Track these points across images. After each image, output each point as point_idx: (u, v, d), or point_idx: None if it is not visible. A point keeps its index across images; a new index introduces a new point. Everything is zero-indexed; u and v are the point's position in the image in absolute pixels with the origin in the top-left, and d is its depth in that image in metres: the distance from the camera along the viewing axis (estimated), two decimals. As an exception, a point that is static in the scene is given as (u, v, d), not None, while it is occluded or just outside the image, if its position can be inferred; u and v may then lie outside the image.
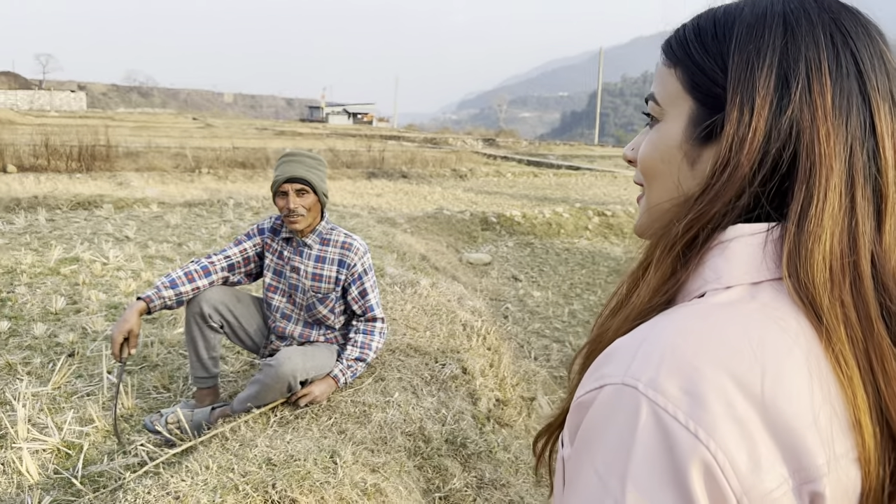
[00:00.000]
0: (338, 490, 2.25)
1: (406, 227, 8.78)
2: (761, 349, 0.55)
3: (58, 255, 5.68)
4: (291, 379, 2.69)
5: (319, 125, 53.53)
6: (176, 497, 2.12)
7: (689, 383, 0.53)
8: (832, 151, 0.60)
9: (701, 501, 0.51)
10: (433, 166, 17.69)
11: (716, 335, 0.56)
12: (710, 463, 0.51)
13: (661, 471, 0.52)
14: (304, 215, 2.88)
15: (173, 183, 12.46)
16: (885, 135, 0.61)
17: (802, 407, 0.54)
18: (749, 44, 0.64)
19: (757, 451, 0.52)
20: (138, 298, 2.80)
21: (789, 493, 0.53)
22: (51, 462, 2.64)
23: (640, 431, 0.53)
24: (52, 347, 3.75)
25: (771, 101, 0.62)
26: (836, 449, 0.54)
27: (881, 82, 0.62)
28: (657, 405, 0.53)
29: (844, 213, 0.59)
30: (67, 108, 64.50)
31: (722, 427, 0.52)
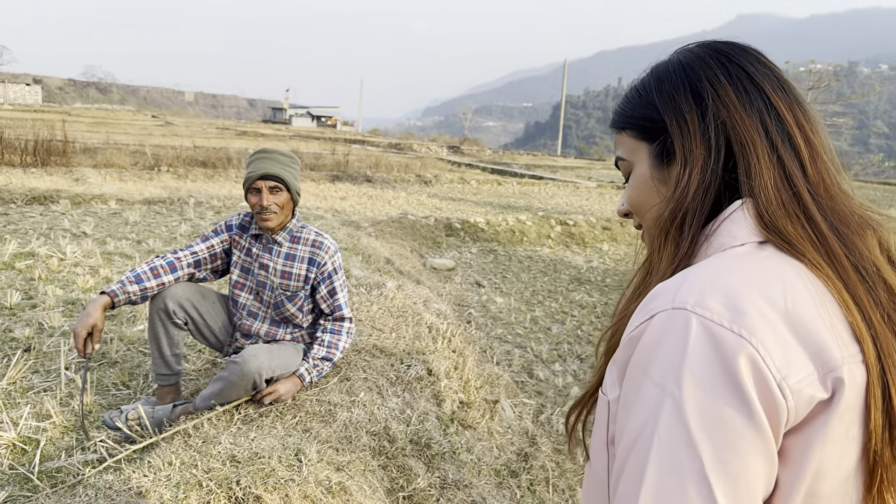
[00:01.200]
0: (302, 488, 2.25)
1: (371, 231, 8.77)
2: (778, 276, 0.71)
3: (12, 250, 5.53)
4: (257, 376, 2.67)
5: (282, 127, 53.05)
6: (138, 492, 2.09)
7: (729, 300, 0.67)
8: (750, 127, 0.81)
9: (748, 386, 0.64)
10: (398, 171, 17.69)
11: (742, 268, 0.72)
12: (754, 355, 0.64)
13: (713, 365, 0.65)
14: (277, 213, 2.87)
15: (132, 180, 12.23)
16: (781, 105, 0.82)
17: (817, 316, 0.68)
18: (665, 86, 0.88)
19: (789, 349, 0.66)
20: (102, 293, 2.75)
21: (815, 382, 0.66)
22: (6, 458, 2.58)
23: (693, 340, 0.66)
24: (7, 342, 3.66)
25: (695, 113, 0.84)
26: (849, 350, 0.68)
27: (767, 78, 0.84)
28: (705, 318, 0.66)
29: (775, 165, 0.79)
30: (22, 101, 62.76)
31: (761, 328, 0.65)
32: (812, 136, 0.81)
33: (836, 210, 0.77)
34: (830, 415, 0.66)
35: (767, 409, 0.64)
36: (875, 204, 17.50)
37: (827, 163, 0.81)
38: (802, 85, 43.36)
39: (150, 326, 2.91)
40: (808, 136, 0.81)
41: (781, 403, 0.64)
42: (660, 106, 0.87)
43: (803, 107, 0.83)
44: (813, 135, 0.81)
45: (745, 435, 0.63)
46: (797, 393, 0.65)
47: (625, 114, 0.93)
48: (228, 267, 3.09)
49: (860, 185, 25.55)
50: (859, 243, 0.75)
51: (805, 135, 0.81)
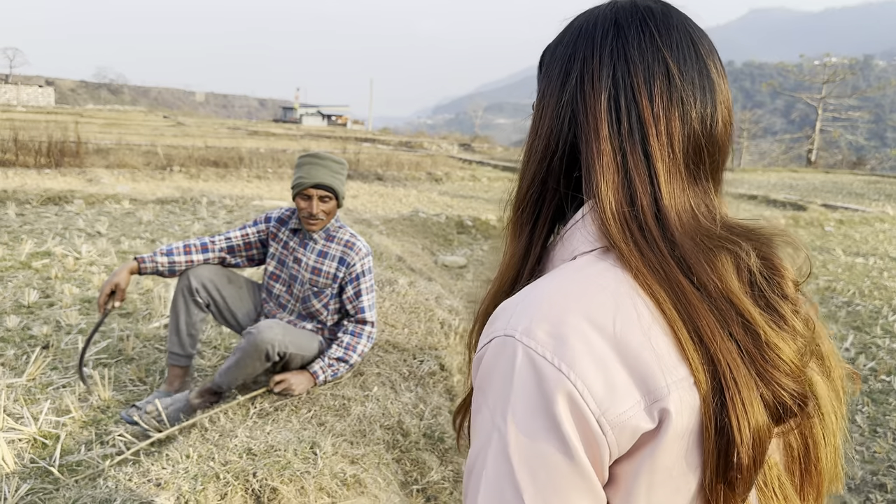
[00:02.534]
0: (318, 480, 2.28)
1: (382, 229, 8.80)
2: (612, 296, 0.66)
3: (29, 249, 5.61)
4: (269, 347, 2.72)
5: (293, 126, 53.27)
6: (157, 484, 2.13)
7: (554, 328, 0.64)
8: (599, 122, 0.73)
9: (565, 424, 0.62)
10: (409, 169, 17.72)
11: (576, 288, 0.68)
12: (572, 391, 0.62)
13: (534, 401, 0.63)
14: (323, 220, 2.96)
15: (144, 180, 12.33)
16: (645, 101, 0.72)
17: (646, 339, 0.64)
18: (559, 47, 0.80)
19: (613, 379, 0.63)
20: (133, 259, 2.89)
21: (641, 412, 0.63)
22: (27, 451, 2.63)
23: (517, 371, 0.64)
24: (26, 340, 3.72)
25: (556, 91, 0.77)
26: (676, 374, 0.64)
27: (651, 65, 0.73)
28: (529, 348, 0.64)
29: (618, 171, 0.72)
30: (35, 103, 63.30)
31: (581, 361, 0.63)
32: (676, 135, 0.72)
33: (685, 224, 0.71)
34: (657, 444, 0.63)
35: (587, 444, 0.62)
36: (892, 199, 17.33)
37: (678, 166, 0.72)
38: (817, 79, 43.04)
39: (173, 303, 3.00)
40: (670, 136, 0.72)
41: (602, 438, 0.62)
42: (542, 70, 0.82)
43: (683, 96, 0.73)
44: (677, 132, 0.72)
45: (565, 474, 0.62)
46: (619, 426, 0.62)
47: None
48: (264, 257, 3.16)
49: (877, 179, 25.32)
50: (706, 266, 0.68)
51: (666, 133, 0.72)
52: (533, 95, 0.86)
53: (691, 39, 0.75)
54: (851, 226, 12.48)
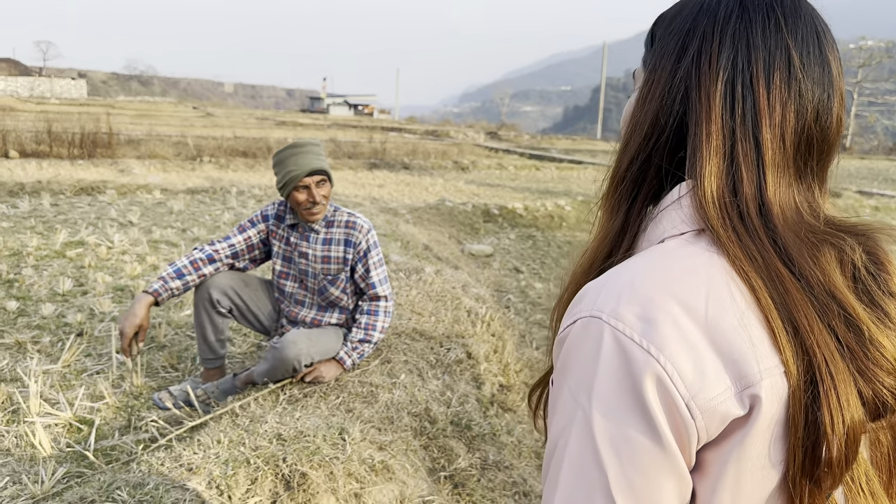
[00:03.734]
0: (346, 465, 2.30)
1: (408, 218, 8.81)
2: (705, 278, 0.65)
3: (63, 239, 5.71)
4: (296, 363, 2.73)
5: (320, 116, 53.49)
6: (189, 469, 2.17)
7: (643, 311, 0.64)
8: (712, 103, 0.70)
9: (654, 406, 0.62)
10: (435, 158, 17.70)
11: (666, 271, 0.67)
12: (661, 373, 0.61)
13: (621, 382, 0.63)
14: (325, 205, 2.92)
15: (175, 171, 12.47)
16: (762, 90, 0.70)
17: (739, 325, 0.63)
18: (675, 21, 0.77)
19: (703, 363, 0.62)
20: (145, 292, 2.82)
21: (731, 398, 0.62)
22: (63, 436, 2.69)
23: (604, 352, 0.64)
24: (61, 327, 3.79)
25: (669, 65, 0.74)
26: (768, 362, 0.63)
27: (773, 53, 0.70)
28: (617, 330, 0.64)
29: (725, 155, 0.70)
30: (68, 95, 64.37)
31: (671, 344, 0.62)
32: (788, 128, 0.70)
33: (786, 217, 0.69)
34: (747, 432, 0.63)
35: (675, 428, 0.62)
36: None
37: (786, 159, 0.71)
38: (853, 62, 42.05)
39: (196, 315, 2.99)
40: (783, 128, 0.70)
41: (690, 423, 0.62)
42: (655, 44, 0.79)
43: (801, 87, 0.70)
44: (790, 125, 0.70)
45: (650, 454, 0.62)
46: (709, 411, 0.62)
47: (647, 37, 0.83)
48: (267, 256, 3.15)
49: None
50: (808, 259, 0.67)
51: (779, 124, 0.70)
52: (559, 82, 0.83)
53: (816, 32, 0.72)
54: (888, 212, 12.21)
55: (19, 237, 5.75)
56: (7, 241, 5.54)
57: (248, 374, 2.97)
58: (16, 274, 4.68)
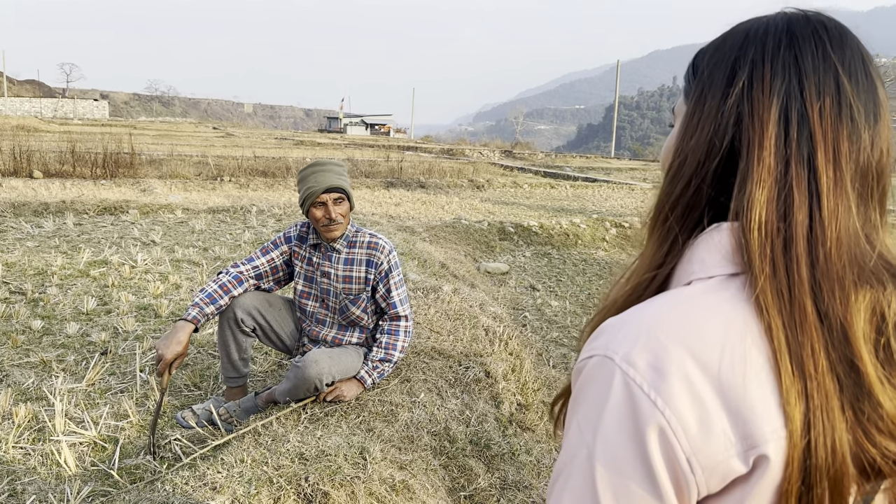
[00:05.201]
0: (367, 485, 2.32)
1: (425, 236, 8.85)
2: (724, 330, 0.64)
3: (87, 258, 5.81)
4: (318, 381, 2.76)
5: (338, 136, 53.91)
6: (213, 488, 2.20)
7: (656, 360, 0.64)
8: (766, 125, 0.68)
9: (654, 457, 0.62)
10: (450, 177, 17.78)
11: (686, 320, 0.66)
12: (665, 426, 0.62)
13: (625, 428, 0.63)
14: (342, 223, 2.96)
15: (196, 190, 12.62)
16: (816, 117, 0.68)
17: (755, 383, 0.62)
18: (718, 50, 0.76)
19: (709, 419, 0.62)
20: (184, 320, 2.86)
21: (735, 456, 0.62)
22: (88, 455, 2.73)
23: (613, 395, 0.64)
24: (85, 346, 3.86)
25: (720, 92, 0.73)
26: (777, 423, 0.62)
27: (823, 80, 0.69)
28: (628, 375, 0.64)
29: (777, 190, 0.67)
30: (90, 116, 65.38)
31: (678, 398, 0.62)
32: (846, 157, 0.68)
33: (835, 255, 0.66)
34: (748, 491, 0.63)
35: (675, 481, 0.63)
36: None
37: (846, 190, 0.67)
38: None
39: (220, 333, 3.03)
40: (838, 157, 0.68)
41: (690, 477, 0.62)
42: (698, 75, 0.77)
43: (854, 116, 0.69)
44: (848, 155, 0.68)
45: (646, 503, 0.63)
46: (710, 468, 0.62)
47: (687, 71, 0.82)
48: (290, 277, 3.19)
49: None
50: (839, 296, 0.65)
51: (835, 153, 0.68)
52: (573, 101, 0.83)
53: (863, 60, 0.72)
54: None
55: (44, 256, 5.86)
56: (32, 261, 5.64)
57: (270, 393, 3.00)
58: (41, 293, 4.76)
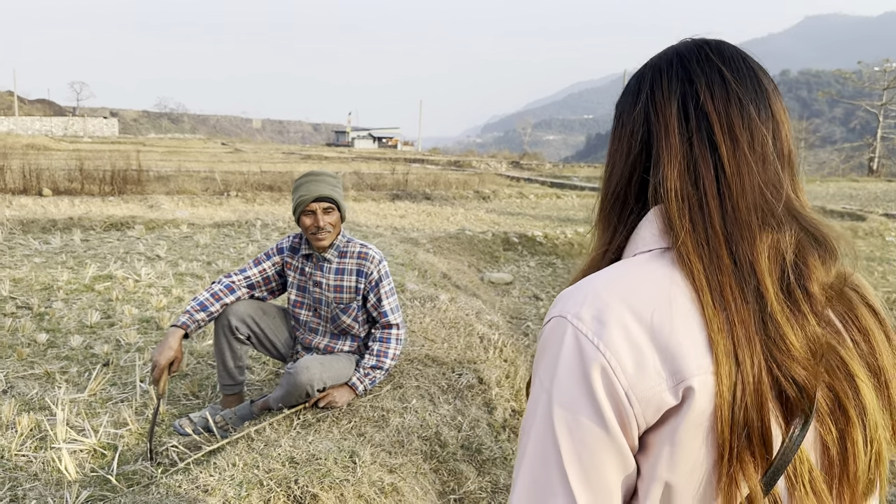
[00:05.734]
0: (357, 488, 2.37)
1: (428, 247, 8.92)
2: (656, 289, 0.78)
3: (92, 273, 5.91)
4: (309, 388, 2.83)
5: (345, 149, 54.20)
6: (205, 490, 2.26)
7: (599, 313, 0.77)
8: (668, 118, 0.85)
9: (599, 393, 0.74)
10: (456, 188, 17.87)
11: (626, 282, 0.80)
12: (606, 366, 0.74)
13: (575, 370, 0.76)
14: (331, 231, 3.05)
15: (202, 205, 12.76)
16: (710, 103, 0.83)
17: (683, 329, 0.75)
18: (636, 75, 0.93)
19: (643, 359, 0.74)
20: (174, 326, 2.96)
21: (666, 391, 0.74)
22: (87, 461, 2.80)
23: (565, 346, 0.77)
24: (88, 358, 3.94)
25: (631, 104, 0.90)
26: (703, 361, 0.74)
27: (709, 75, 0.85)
28: (577, 328, 0.77)
29: (686, 164, 0.82)
30: (100, 133, 66.00)
31: (616, 342, 0.75)
32: (737, 120, 0.82)
33: (742, 205, 0.79)
34: (680, 419, 0.73)
35: (617, 412, 0.74)
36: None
37: (748, 158, 0.81)
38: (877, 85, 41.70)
39: (216, 342, 3.11)
40: (734, 129, 0.82)
41: (629, 410, 0.74)
42: (620, 99, 0.95)
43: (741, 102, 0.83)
44: (743, 129, 0.82)
45: (596, 434, 0.74)
46: (645, 401, 0.73)
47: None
48: (284, 287, 3.27)
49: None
50: (748, 240, 0.78)
51: (731, 126, 0.82)
52: (581, 111, 0.96)
53: (742, 57, 0.87)
54: (913, 235, 12.06)
55: (50, 272, 5.96)
56: (39, 276, 5.74)
57: (265, 401, 3.07)
58: (46, 307, 4.86)
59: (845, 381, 0.77)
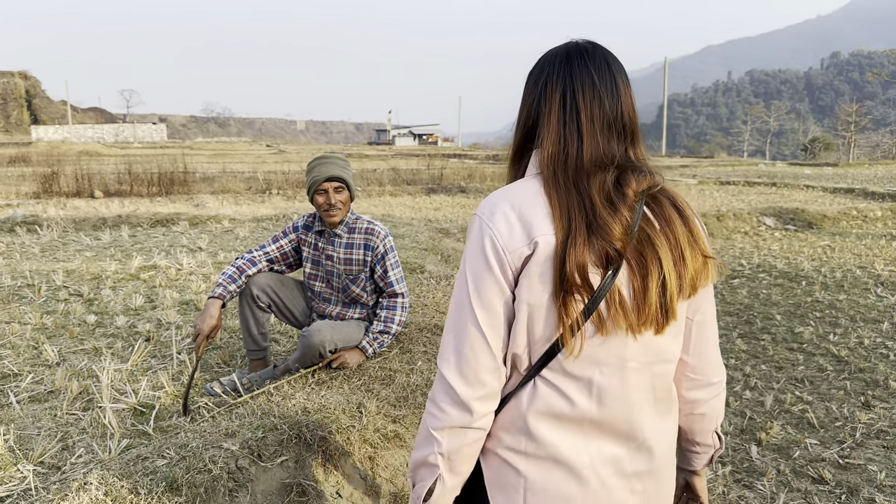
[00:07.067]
0: (362, 433, 2.65)
1: (459, 237, 9.17)
2: (526, 193, 1.28)
3: (138, 264, 6.33)
4: (321, 348, 3.13)
5: (385, 147, 54.80)
6: (227, 433, 2.56)
7: (491, 207, 1.27)
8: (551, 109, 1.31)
9: (489, 252, 1.23)
10: (492, 181, 18.09)
11: (512, 190, 1.30)
12: (493, 235, 1.23)
13: (477, 241, 1.25)
14: (341, 209, 3.34)
15: (245, 203, 13.25)
16: (580, 97, 1.29)
17: (539, 214, 1.23)
18: (532, 70, 1.38)
19: (513, 230, 1.23)
20: (212, 297, 3.30)
21: (524, 246, 1.21)
22: (128, 418, 3.13)
23: (473, 229, 1.28)
24: (132, 335, 4.30)
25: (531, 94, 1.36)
26: (546, 230, 1.22)
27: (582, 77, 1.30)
28: (480, 218, 1.27)
29: (558, 137, 1.29)
30: (149, 139, 68.01)
31: (499, 221, 1.24)
32: (597, 117, 1.28)
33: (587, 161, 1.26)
34: (531, 262, 1.21)
35: (498, 260, 1.23)
36: None
37: (599, 133, 1.28)
38: None
39: (241, 310, 3.43)
40: (592, 117, 1.28)
41: (504, 258, 1.22)
42: (525, 80, 1.40)
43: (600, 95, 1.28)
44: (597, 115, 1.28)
45: (485, 274, 1.24)
46: (513, 252, 1.22)
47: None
48: (300, 262, 3.59)
49: None
50: (584, 179, 1.25)
51: (590, 115, 1.28)
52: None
53: (607, 63, 1.32)
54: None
55: (100, 264, 6.40)
56: (89, 268, 6.18)
57: (286, 364, 3.38)
58: (95, 294, 5.27)
59: (648, 248, 1.24)
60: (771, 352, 5.10)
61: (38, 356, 3.90)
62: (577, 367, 1.24)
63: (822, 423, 3.84)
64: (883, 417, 3.88)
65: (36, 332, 4.33)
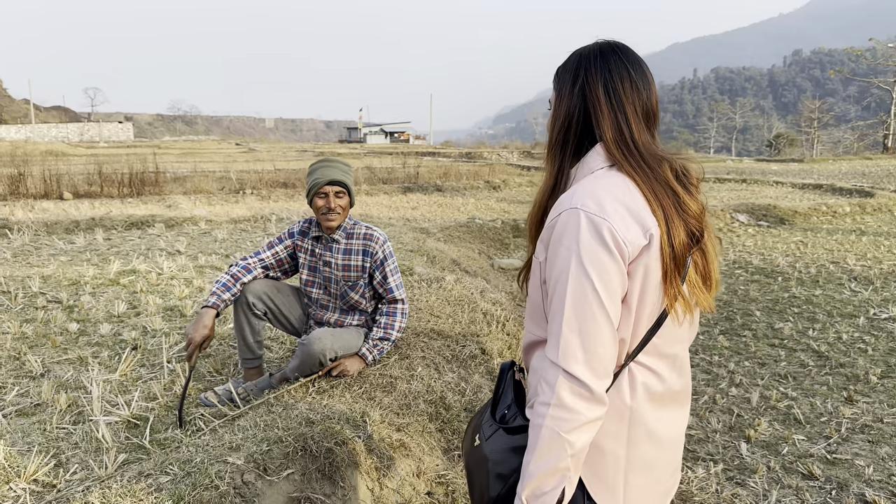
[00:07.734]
0: (367, 443, 2.62)
1: (439, 236, 9.15)
2: (619, 186, 1.36)
3: (116, 268, 6.20)
4: (322, 356, 3.09)
5: (357, 145, 54.51)
6: (231, 447, 2.51)
7: (597, 200, 1.32)
8: (599, 98, 1.43)
9: (610, 243, 1.28)
10: (467, 179, 18.09)
11: (603, 183, 1.37)
12: (611, 227, 1.29)
13: (594, 234, 1.29)
14: (340, 213, 3.30)
15: (219, 204, 13.07)
16: (622, 89, 1.43)
17: (640, 206, 1.34)
18: (565, 65, 1.50)
19: (627, 223, 1.31)
20: (206, 306, 3.22)
21: (641, 237, 1.31)
22: (122, 431, 3.06)
23: (582, 223, 1.30)
24: (118, 343, 4.21)
25: (568, 84, 1.47)
26: (652, 221, 1.33)
27: (620, 67, 1.44)
28: (588, 212, 1.30)
29: (613, 121, 1.42)
30: (116, 138, 66.78)
31: (613, 214, 1.30)
32: (637, 107, 1.43)
33: (646, 149, 1.41)
34: (648, 251, 1.32)
35: (619, 252, 1.29)
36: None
37: (640, 121, 1.43)
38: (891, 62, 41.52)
39: (236, 318, 3.37)
40: (634, 106, 1.42)
41: (625, 249, 1.30)
42: (558, 77, 1.52)
43: (638, 87, 1.43)
44: (637, 105, 1.43)
45: (610, 266, 1.29)
46: (631, 243, 1.30)
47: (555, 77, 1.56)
48: (296, 268, 3.53)
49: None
50: (658, 168, 1.40)
51: (633, 105, 1.42)
52: None
53: (638, 61, 1.47)
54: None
55: (77, 269, 6.26)
56: (66, 273, 6.04)
57: (283, 373, 3.33)
58: (75, 301, 5.15)
59: (706, 234, 1.41)
60: (753, 348, 5.17)
61: (21, 367, 3.80)
62: (668, 345, 1.40)
63: (808, 419, 3.90)
64: (866, 412, 3.95)
65: (16, 341, 4.22)
